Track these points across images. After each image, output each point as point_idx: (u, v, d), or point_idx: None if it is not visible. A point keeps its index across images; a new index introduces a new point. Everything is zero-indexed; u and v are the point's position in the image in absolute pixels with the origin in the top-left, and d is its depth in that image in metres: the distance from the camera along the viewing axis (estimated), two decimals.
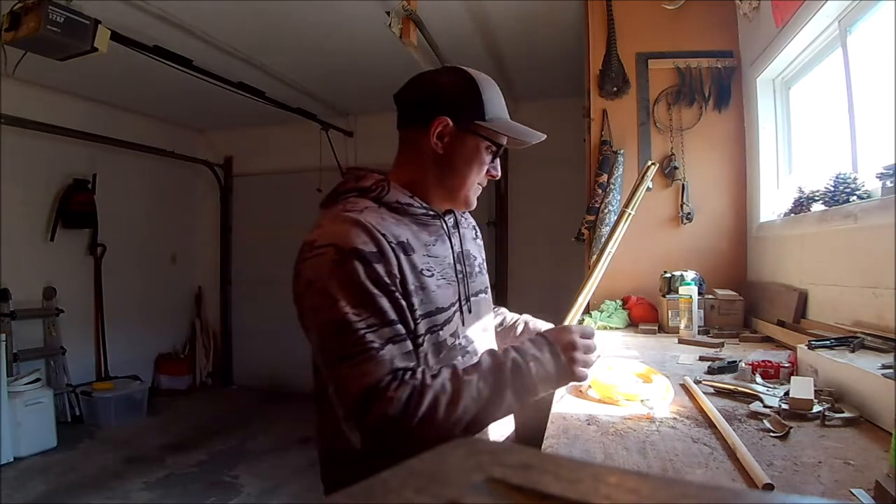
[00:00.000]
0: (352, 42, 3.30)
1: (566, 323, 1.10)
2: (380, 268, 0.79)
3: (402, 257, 0.83)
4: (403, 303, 0.81)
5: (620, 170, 2.42)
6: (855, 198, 1.57)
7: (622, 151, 2.44)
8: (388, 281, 0.80)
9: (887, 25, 1.49)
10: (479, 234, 1.13)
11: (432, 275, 0.88)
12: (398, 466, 0.24)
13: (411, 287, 0.83)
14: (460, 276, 0.95)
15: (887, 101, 1.47)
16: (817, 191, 1.78)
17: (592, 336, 0.91)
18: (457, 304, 0.92)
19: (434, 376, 0.78)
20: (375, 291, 0.78)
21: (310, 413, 0.96)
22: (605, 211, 2.40)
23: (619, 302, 2.30)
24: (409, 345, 0.80)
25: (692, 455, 0.84)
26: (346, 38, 3.25)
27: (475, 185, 0.95)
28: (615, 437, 0.94)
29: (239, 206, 5.53)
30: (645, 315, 2.23)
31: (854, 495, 0.68)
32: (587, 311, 2.21)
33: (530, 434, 1.06)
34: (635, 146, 2.48)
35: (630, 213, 1.20)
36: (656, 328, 2.13)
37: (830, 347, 1.20)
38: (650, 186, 2.34)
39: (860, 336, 1.23)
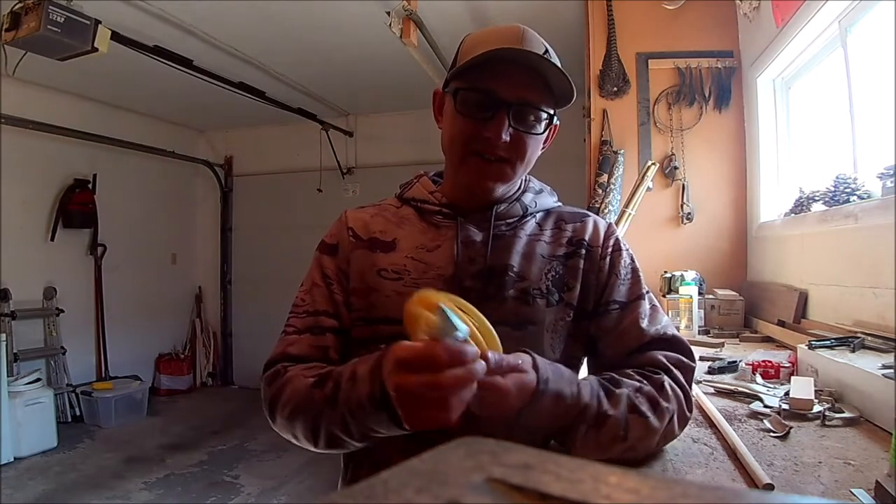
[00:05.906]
0: (352, 42, 3.30)
1: None
2: (329, 260, 0.83)
3: (361, 253, 0.81)
4: (340, 298, 0.81)
5: (620, 170, 2.42)
6: (855, 198, 1.57)
7: (622, 151, 2.44)
8: (329, 274, 0.82)
9: (887, 25, 1.49)
10: (585, 253, 0.81)
11: (400, 279, 0.77)
12: (398, 466, 0.24)
13: (355, 285, 0.80)
14: (463, 291, 0.73)
15: (887, 101, 1.47)
16: (817, 191, 1.78)
17: (450, 358, 0.52)
18: None
19: (295, 375, 0.74)
20: (318, 282, 0.82)
21: None
22: (605, 211, 2.40)
23: None
24: (326, 339, 0.79)
25: (692, 455, 0.84)
26: (347, 38, 3.25)
27: (463, 154, 0.77)
28: None
29: (239, 206, 5.52)
30: None
31: (854, 495, 0.68)
32: None
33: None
34: (635, 146, 2.48)
35: (630, 213, 1.20)
36: None
37: (830, 347, 1.20)
38: (650, 186, 2.34)
39: (860, 336, 1.23)
